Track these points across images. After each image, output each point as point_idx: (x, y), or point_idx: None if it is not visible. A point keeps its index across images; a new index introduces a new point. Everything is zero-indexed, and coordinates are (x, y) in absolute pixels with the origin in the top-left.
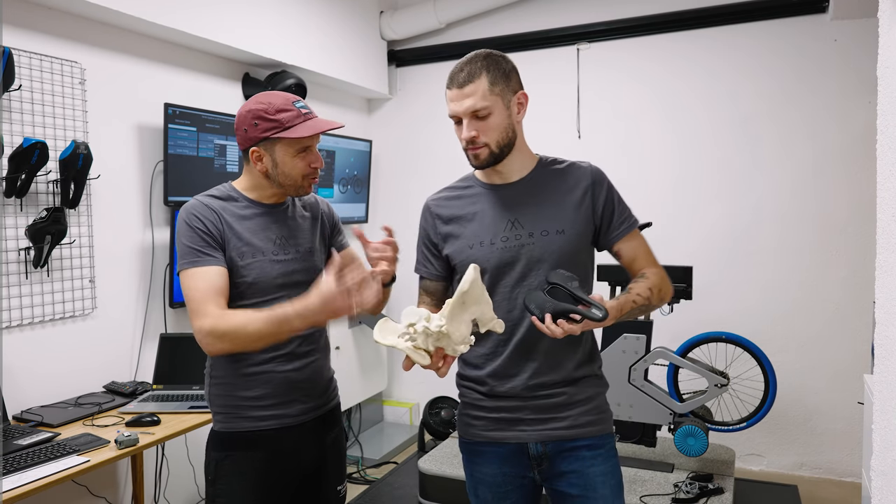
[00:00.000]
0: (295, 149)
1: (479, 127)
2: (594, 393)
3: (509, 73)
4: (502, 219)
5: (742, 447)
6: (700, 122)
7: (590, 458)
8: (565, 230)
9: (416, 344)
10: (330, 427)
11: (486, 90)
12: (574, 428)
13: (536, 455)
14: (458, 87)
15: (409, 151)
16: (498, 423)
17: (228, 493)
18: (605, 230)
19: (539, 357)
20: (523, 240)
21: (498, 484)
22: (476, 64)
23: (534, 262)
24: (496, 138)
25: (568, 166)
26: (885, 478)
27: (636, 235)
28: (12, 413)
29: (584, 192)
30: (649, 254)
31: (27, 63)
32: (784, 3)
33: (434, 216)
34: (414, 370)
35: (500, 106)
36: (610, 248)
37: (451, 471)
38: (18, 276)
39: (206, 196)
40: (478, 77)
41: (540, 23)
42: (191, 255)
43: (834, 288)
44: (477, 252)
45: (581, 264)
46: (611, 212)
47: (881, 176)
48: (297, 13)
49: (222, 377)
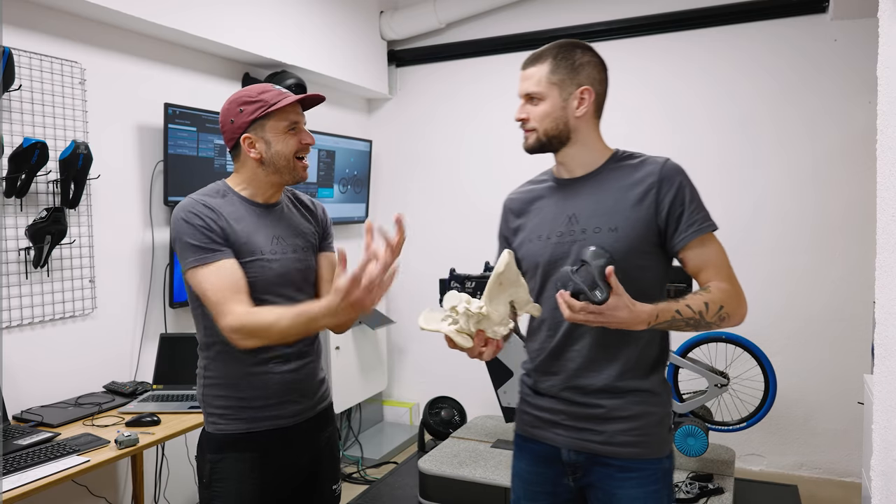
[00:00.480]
0: (284, 125)
1: (530, 111)
2: (641, 411)
3: (578, 66)
4: (561, 214)
5: (742, 447)
6: (700, 122)
7: (620, 480)
8: (619, 228)
9: (459, 327)
10: (323, 427)
11: (545, 77)
12: (608, 445)
13: (570, 462)
14: (523, 68)
15: (409, 151)
16: (537, 420)
17: (224, 495)
18: (672, 234)
19: (578, 358)
20: (576, 236)
21: (530, 482)
22: (549, 49)
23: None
24: (544, 127)
25: (640, 161)
26: (885, 478)
27: (708, 243)
28: (12, 413)
29: (647, 189)
30: (722, 267)
31: (27, 63)
32: (784, 3)
33: (507, 210)
34: (415, 371)
35: (555, 96)
36: (676, 254)
37: (451, 471)
38: (18, 276)
39: (202, 195)
40: (541, 62)
41: (540, 23)
42: (198, 253)
43: (834, 288)
44: (534, 246)
45: (637, 267)
46: (678, 213)
47: (881, 176)
48: (296, 13)
49: (217, 378)
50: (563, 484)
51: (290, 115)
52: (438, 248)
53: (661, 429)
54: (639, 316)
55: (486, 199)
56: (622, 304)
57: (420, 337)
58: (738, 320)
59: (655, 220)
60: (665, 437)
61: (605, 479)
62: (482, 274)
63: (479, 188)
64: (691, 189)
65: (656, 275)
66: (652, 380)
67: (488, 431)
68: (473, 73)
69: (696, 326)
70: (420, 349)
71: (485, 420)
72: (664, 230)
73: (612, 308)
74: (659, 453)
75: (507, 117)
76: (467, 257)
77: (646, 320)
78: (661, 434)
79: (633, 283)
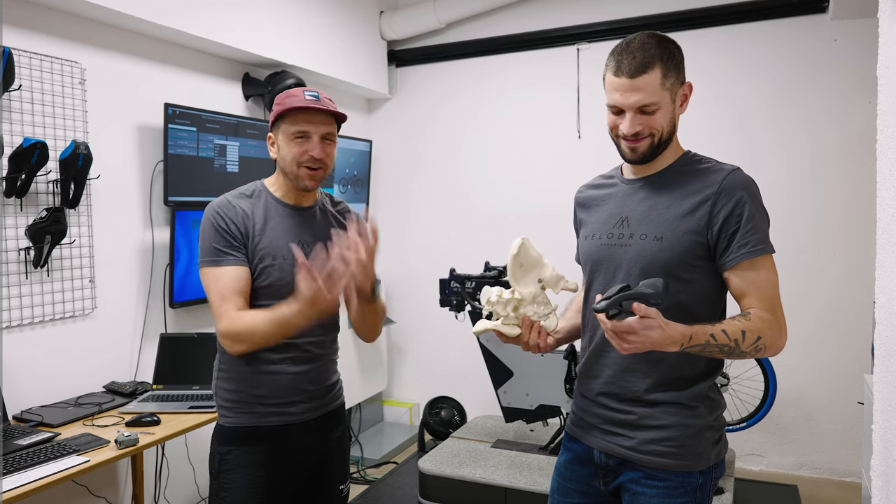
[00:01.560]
0: (293, 130)
1: (643, 121)
2: (675, 422)
3: (680, 63)
4: (616, 215)
5: (742, 447)
6: (699, 122)
7: (645, 487)
8: (664, 237)
9: (505, 321)
10: (334, 426)
11: (659, 84)
12: (637, 452)
13: (601, 464)
14: (629, 77)
15: (409, 151)
16: (578, 420)
17: (231, 487)
18: (722, 252)
19: (613, 364)
20: (624, 240)
21: (565, 477)
22: (650, 51)
23: (624, 265)
24: (660, 132)
25: (705, 168)
26: (885, 478)
27: (759, 266)
28: (12, 413)
29: (703, 200)
30: (768, 296)
31: (27, 63)
32: (784, 3)
33: (576, 202)
34: (415, 371)
35: (668, 101)
36: (722, 273)
37: (451, 471)
38: (18, 276)
39: (236, 195)
40: (651, 68)
41: (540, 23)
42: (213, 254)
43: (834, 288)
44: (587, 244)
45: (680, 280)
46: (732, 231)
47: (881, 176)
48: (296, 13)
49: (231, 373)
50: (594, 486)
51: (299, 122)
52: (438, 248)
53: (698, 442)
54: (671, 336)
55: (486, 199)
56: (655, 324)
57: (420, 337)
58: (773, 353)
59: (706, 234)
60: (701, 452)
61: (632, 484)
62: (482, 274)
63: (479, 188)
64: (753, 206)
65: (702, 290)
66: (691, 392)
67: (488, 431)
68: (473, 73)
69: (729, 354)
70: (420, 349)
71: (485, 420)
72: (714, 246)
73: (645, 327)
74: (691, 467)
75: (508, 117)
76: (467, 257)
77: (678, 341)
78: (697, 448)
79: (671, 296)
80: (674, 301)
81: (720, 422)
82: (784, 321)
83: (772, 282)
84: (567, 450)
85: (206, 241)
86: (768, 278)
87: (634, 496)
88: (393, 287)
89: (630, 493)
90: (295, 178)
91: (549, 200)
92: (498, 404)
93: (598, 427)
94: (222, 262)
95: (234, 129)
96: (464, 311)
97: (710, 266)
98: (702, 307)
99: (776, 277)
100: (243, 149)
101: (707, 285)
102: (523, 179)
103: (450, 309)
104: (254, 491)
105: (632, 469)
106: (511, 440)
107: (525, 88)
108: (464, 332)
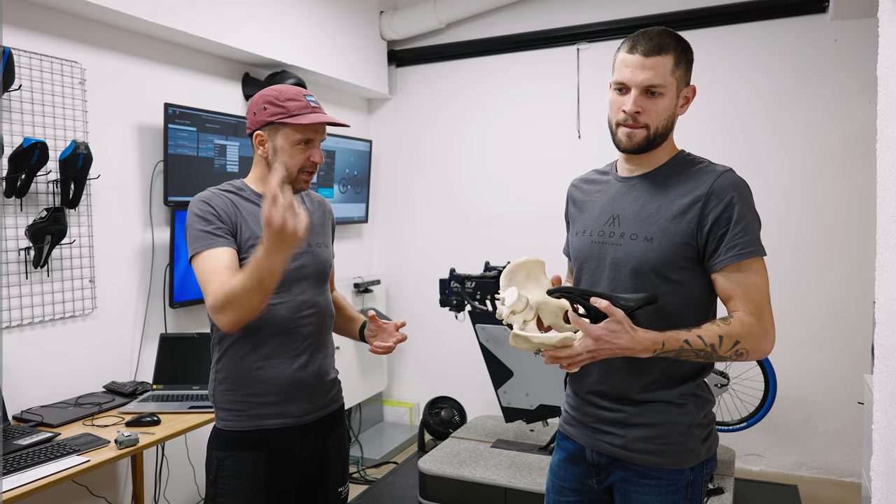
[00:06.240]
0: (297, 138)
1: (646, 105)
2: (664, 420)
3: (690, 62)
4: (607, 213)
5: (742, 447)
6: (699, 122)
7: (637, 485)
8: (654, 238)
9: (536, 337)
10: (333, 428)
11: (669, 70)
12: (627, 450)
13: (593, 462)
14: (643, 55)
15: (409, 151)
16: (570, 418)
17: (229, 492)
18: (710, 254)
19: (602, 364)
20: (614, 239)
21: (559, 477)
22: (666, 38)
23: (612, 265)
24: (657, 123)
25: (698, 168)
26: (885, 478)
27: (747, 269)
28: (12, 413)
29: (693, 201)
30: (754, 299)
31: (27, 63)
32: (784, 3)
33: (569, 197)
34: (415, 371)
35: (673, 92)
36: (710, 276)
37: (451, 471)
38: (18, 276)
39: (219, 189)
40: (666, 52)
41: (540, 23)
42: (204, 239)
43: (834, 288)
44: (577, 241)
45: (672, 282)
46: (721, 233)
47: (881, 176)
48: (297, 13)
49: (228, 375)
50: (587, 484)
51: (307, 131)
52: (438, 248)
53: (686, 439)
54: (640, 342)
55: (486, 199)
56: (622, 329)
57: (420, 337)
58: (756, 357)
59: (696, 236)
60: (690, 449)
61: (623, 482)
62: (482, 274)
63: (479, 188)
64: (743, 207)
65: (692, 292)
66: (680, 390)
67: (488, 431)
68: (473, 73)
69: (707, 358)
70: (420, 349)
71: (485, 420)
72: (703, 248)
73: (611, 332)
74: (681, 464)
75: (508, 117)
76: (467, 257)
77: (650, 348)
78: (686, 445)
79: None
80: (663, 302)
81: (709, 418)
82: (771, 325)
83: (759, 285)
84: (560, 448)
85: (195, 229)
86: (756, 281)
87: (627, 494)
88: (393, 287)
89: (622, 492)
90: (292, 181)
91: (549, 200)
92: (498, 404)
93: (589, 425)
94: (213, 244)
95: (234, 129)
96: (464, 311)
97: (700, 268)
98: (691, 309)
99: (765, 280)
100: (243, 149)
101: (697, 287)
102: (523, 179)
103: (450, 309)
104: (252, 496)
105: (623, 468)
106: (511, 440)
107: (525, 88)
108: (464, 332)
